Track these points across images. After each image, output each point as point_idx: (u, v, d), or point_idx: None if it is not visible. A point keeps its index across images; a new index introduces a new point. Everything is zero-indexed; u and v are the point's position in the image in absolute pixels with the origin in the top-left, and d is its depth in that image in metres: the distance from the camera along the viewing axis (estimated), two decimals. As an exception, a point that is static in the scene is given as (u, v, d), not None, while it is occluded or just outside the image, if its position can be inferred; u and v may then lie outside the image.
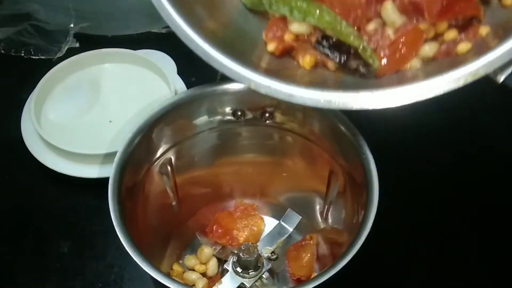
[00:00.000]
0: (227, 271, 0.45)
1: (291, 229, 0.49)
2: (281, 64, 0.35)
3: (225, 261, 0.47)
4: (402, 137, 0.60)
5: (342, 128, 0.42)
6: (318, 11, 0.33)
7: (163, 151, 0.45)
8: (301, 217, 0.50)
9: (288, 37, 0.35)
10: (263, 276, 0.45)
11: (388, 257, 0.53)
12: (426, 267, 0.52)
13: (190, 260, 0.49)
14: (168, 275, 0.40)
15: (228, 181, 0.49)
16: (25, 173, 0.59)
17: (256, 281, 0.45)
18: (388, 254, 0.53)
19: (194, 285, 0.47)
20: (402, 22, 0.33)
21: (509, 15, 0.33)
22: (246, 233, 0.50)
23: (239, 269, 0.45)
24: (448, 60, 0.33)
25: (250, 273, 0.45)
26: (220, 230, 0.49)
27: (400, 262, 0.53)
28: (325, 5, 0.34)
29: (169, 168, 0.47)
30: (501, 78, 0.34)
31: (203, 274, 0.48)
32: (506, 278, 0.51)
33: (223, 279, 0.45)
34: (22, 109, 0.61)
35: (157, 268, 0.36)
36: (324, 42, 0.34)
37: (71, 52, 0.67)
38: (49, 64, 0.64)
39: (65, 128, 0.60)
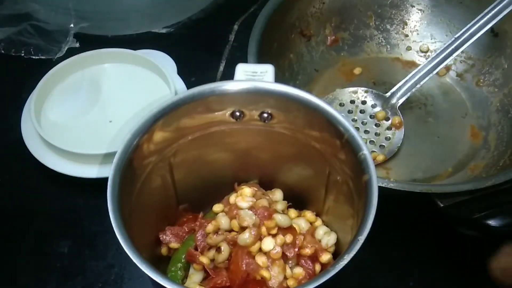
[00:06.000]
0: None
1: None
2: None
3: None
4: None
5: (341, 128, 0.42)
6: None
7: (163, 151, 0.45)
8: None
9: None
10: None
11: (388, 257, 0.53)
12: (426, 267, 0.52)
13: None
14: (167, 276, 0.40)
15: (228, 182, 0.49)
16: (25, 173, 0.59)
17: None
18: (388, 254, 0.53)
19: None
20: None
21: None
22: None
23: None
24: None
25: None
26: None
27: (400, 262, 0.53)
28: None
29: (168, 168, 0.47)
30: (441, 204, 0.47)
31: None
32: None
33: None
34: (22, 109, 0.61)
35: (156, 268, 0.36)
36: None
37: (71, 52, 0.67)
38: (49, 64, 0.64)
39: (65, 128, 0.60)
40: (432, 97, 0.65)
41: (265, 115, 0.45)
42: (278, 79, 0.47)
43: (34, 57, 0.69)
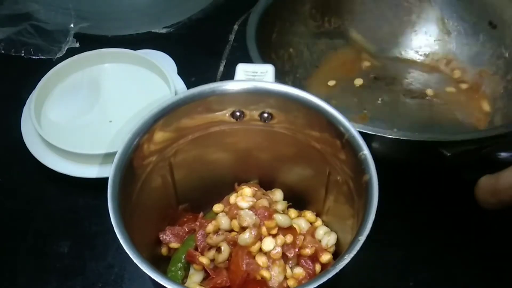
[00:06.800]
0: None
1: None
2: None
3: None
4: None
5: (341, 128, 0.42)
6: None
7: (163, 151, 0.45)
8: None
9: None
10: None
11: (388, 257, 0.52)
12: (426, 267, 0.52)
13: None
14: (167, 276, 0.40)
15: (228, 182, 0.49)
16: (25, 173, 0.59)
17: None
18: (388, 254, 0.53)
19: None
20: None
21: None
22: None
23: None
24: None
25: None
26: None
27: (400, 262, 0.53)
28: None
29: (169, 168, 0.47)
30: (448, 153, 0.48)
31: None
32: (505, 278, 0.51)
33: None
34: (22, 109, 0.61)
35: (156, 268, 0.36)
36: None
37: (71, 52, 0.67)
38: (49, 64, 0.64)
39: (65, 128, 0.60)
40: (434, 88, 0.65)
41: (265, 115, 0.45)
42: (278, 69, 0.47)
43: (34, 57, 0.69)
